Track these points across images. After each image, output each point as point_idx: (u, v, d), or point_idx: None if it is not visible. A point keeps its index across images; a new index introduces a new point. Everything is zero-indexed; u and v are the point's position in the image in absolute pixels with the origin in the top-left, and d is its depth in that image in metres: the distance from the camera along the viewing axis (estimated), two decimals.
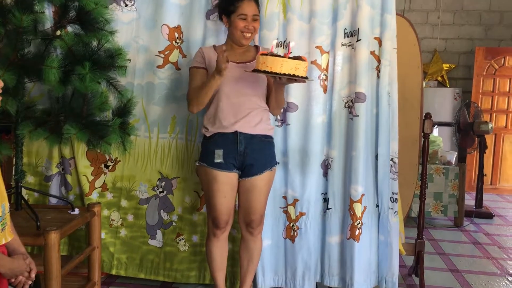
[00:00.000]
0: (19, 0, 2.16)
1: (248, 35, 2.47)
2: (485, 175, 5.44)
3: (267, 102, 2.55)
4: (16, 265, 1.58)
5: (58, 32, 2.30)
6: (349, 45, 2.77)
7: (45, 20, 2.35)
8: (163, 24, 2.82)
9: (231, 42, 2.53)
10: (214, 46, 2.61)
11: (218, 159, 2.47)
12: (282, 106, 2.60)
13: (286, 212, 2.86)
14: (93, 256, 2.55)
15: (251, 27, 2.46)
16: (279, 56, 2.23)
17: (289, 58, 2.22)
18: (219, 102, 2.47)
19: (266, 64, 2.22)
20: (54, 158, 2.91)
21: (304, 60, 2.26)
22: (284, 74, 2.22)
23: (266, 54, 2.25)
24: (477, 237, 4.41)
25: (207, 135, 2.52)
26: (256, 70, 2.27)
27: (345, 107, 2.81)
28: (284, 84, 2.42)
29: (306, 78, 2.29)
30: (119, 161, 2.90)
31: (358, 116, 2.75)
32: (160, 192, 2.91)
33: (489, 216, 5.12)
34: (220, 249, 2.61)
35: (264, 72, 2.24)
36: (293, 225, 2.85)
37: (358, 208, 2.80)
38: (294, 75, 2.23)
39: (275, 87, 2.46)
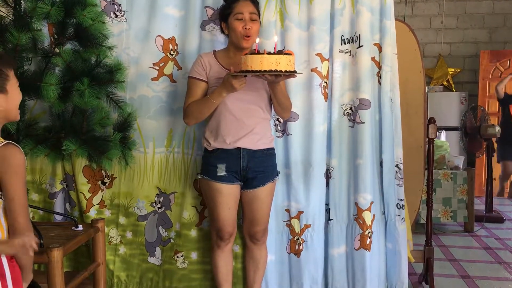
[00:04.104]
0: (16, 18, 2.18)
1: (248, 36, 2.39)
2: (494, 179, 5.39)
3: (274, 108, 2.51)
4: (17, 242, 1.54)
5: (57, 50, 2.31)
6: (347, 52, 2.75)
7: (44, 38, 2.35)
8: (157, 36, 2.77)
9: (233, 49, 2.47)
10: (214, 51, 2.55)
11: (221, 173, 2.44)
12: (288, 108, 2.52)
13: (289, 225, 2.81)
14: (98, 273, 2.53)
15: (249, 26, 2.38)
16: (259, 53, 2.14)
17: (269, 53, 2.13)
18: (221, 117, 2.43)
19: (247, 63, 2.15)
20: (58, 175, 2.90)
21: (290, 54, 2.18)
22: (265, 71, 2.13)
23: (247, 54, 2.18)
24: (488, 242, 4.35)
25: (209, 149, 2.49)
26: (240, 72, 2.20)
27: (344, 114, 2.79)
28: (274, 82, 2.31)
29: (294, 72, 2.20)
30: (115, 177, 2.86)
31: (364, 123, 2.73)
32: (158, 208, 2.85)
33: (500, 220, 5.06)
34: (225, 261, 2.59)
35: (246, 71, 2.16)
36: (297, 239, 2.80)
37: (367, 217, 2.76)
38: (276, 71, 2.14)
39: (270, 88, 2.40)
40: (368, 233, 2.77)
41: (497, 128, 4.92)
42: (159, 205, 2.85)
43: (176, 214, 2.84)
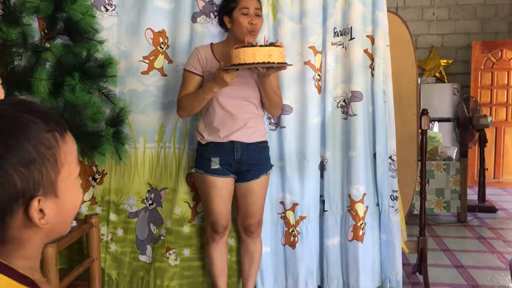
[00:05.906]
0: (5, 13, 2.16)
1: (254, 31, 2.37)
2: (487, 169, 5.41)
3: (263, 104, 2.51)
4: None
5: (47, 44, 2.29)
6: (339, 44, 2.74)
7: (34, 33, 2.33)
8: (147, 29, 2.74)
9: (233, 43, 2.41)
10: (211, 44, 2.52)
11: (215, 166, 2.44)
12: (277, 104, 2.51)
13: (284, 217, 2.81)
14: (93, 268, 2.53)
15: (255, 22, 2.37)
16: (251, 46, 2.15)
17: (261, 46, 2.14)
18: (215, 112, 2.42)
19: (239, 56, 2.14)
20: None
21: (280, 46, 2.19)
22: (258, 63, 2.14)
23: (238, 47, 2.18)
24: (481, 232, 4.38)
25: (202, 143, 2.48)
26: (232, 66, 2.19)
27: (337, 107, 2.78)
28: (265, 76, 2.30)
29: (284, 63, 2.21)
30: (106, 173, 2.82)
31: (356, 115, 2.72)
32: (149, 205, 2.82)
33: (492, 210, 5.09)
34: (220, 254, 2.59)
35: (239, 65, 2.16)
36: (292, 231, 2.80)
37: (360, 208, 2.77)
38: (269, 62, 2.14)
39: (259, 81, 2.38)
40: (361, 224, 2.78)
41: (489, 119, 4.93)
42: (150, 202, 2.82)
43: (167, 210, 2.80)
